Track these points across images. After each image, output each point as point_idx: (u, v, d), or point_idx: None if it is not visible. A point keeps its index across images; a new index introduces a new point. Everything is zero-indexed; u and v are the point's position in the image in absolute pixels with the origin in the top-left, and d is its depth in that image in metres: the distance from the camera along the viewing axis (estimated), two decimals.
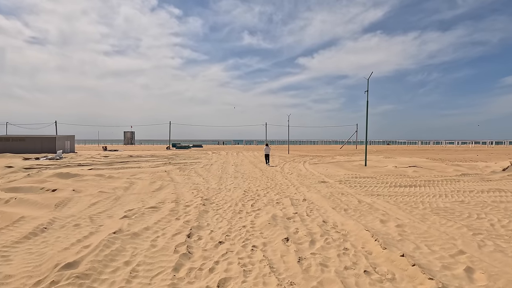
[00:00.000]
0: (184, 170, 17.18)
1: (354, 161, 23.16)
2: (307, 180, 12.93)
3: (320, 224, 6.10)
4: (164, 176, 14.23)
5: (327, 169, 17.27)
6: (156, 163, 22.49)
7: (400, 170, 16.25)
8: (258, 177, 14.27)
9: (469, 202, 8.12)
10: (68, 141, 40.56)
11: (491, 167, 17.41)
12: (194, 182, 12.46)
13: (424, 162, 20.39)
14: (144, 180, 12.73)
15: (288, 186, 11.28)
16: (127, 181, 12.21)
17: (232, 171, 16.93)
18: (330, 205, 7.94)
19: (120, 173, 15.47)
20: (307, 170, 17.16)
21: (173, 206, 7.53)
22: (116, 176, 14.08)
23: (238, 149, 50.85)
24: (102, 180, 12.71)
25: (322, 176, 14.20)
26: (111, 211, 7.08)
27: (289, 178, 13.83)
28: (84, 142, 72.75)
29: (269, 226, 5.83)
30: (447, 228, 5.87)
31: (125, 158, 28.73)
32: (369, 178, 13.25)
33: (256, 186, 11.24)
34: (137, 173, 15.56)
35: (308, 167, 18.78)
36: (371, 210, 7.41)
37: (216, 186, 11.19)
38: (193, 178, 13.83)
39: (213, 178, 13.84)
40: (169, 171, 16.40)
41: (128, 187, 10.83)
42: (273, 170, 17.16)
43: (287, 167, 19.33)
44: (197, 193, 9.62)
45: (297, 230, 5.69)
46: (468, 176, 14.00)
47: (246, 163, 22.61)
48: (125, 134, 69.05)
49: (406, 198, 8.77)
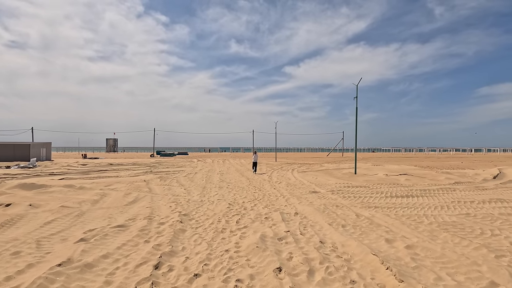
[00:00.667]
0: (165, 180, 15.91)
1: (343, 168, 22.51)
2: (297, 190, 12.00)
3: (317, 245, 5.14)
4: (142, 187, 12.96)
5: (317, 178, 16.44)
6: (137, 171, 21.06)
7: (392, 179, 15.61)
8: (244, 186, 13.23)
9: (475, 215, 7.38)
10: (44, 149, 38.18)
11: (481, 174, 17.08)
12: (174, 193, 11.28)
13: (414, 170, 19.94)
14: (118, 192, 11.45)
15: (277, 197, 10.30)
16: (99, 193, 10.91)
17: (217, 180, 15.82)
18: (326, 220, 7.00)
19: (94, 183, 14.07)
20: (296, 178, 16.27)
21: (145, 224, 6.38)
22: (88, 187, 12.71)
23: (224, 156, 49.63)
24: (70, 191, 11.34)
25: (313, 186, 13.32)
26: (67, 232, 5.86)
27: (278, 187, 12.86)
28: (64, 149, 69.44)
29: (257, 250, 4.80)
30: (464, 248, 5.03)
31: (104, 166, 27.03)
32: (362, 188, 12.46)
33: (243, 198, 10.20)
34: (113, 183, 14.20)
35: (297, 176, 17.90)
36: (372, 226, 6.52)
37: (198, 198, 10.08)
38: (174, 188, 12.63)
39: (195, 188, 12.69)
40: (148, 181, 15.11)
41: (98, 200, 9.55)
42: (260, 179, 16.17)
43: (275, 175, 18.38)
44: (176, 206, 8.48)
45: (291, 255, 4.69)
46: (462, 184, 13.47)
47: (232, 171, 21.53)
48: (108, 141, 66.46)
49: (407, 211, 7.95)
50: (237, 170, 22.56)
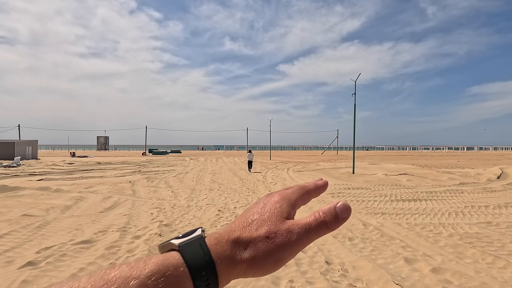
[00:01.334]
0: (152, 181, 14.79)
1: (340, 168, 21.63)
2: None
3: (323, 269, 4.15)
4: (126, 189, 11.83)
5: (314, 178, 15.44)
6: (124, 171, 19.85)
7: (392, 179, 14.75)
8: (237, 188, 12.20)
9: (498, 224, 6.48)
10: (29, 147, 36.52)
11: (483, 174, 16.35)
12: (159, 196, 10.19)
13: (413, 169, 19.15)
14: (97, 195, 10.32)
15: None
16: (75, 197, 9.76)
17: (208, 181, 14.76)
18: None
19: (74, 185, 12.89)
20: (292, 179, 15.30)
21: (115, 239, 5.31)
22: (66, 189, 11.53)
23: (218, 155, 48.51)
24: (43, 195, 10.16)
25: None
26: (17, 251, 4.76)
27: (273, 189, 11.87)
28: (53, 147, 67.39)
29: (248, 279, 3.79)
30: (502, 272, 4.10)
31: (92, 165, 25.71)
32: (363, 190, 11.54)
33: (234, 202, 9.17)
34: (94, 185, 13.03)
35: (293, 176, 16.94)
36: (384, 238, 5.56)
37: (185, 203, 9.01)
38: (160, 191, 11.53)
39: (184, 190, 11.62)
40: (134, 182, 13.97)
41: (70, 205, 8.42)
42: (254, 180, 15.15)
43: (269, 175, 17.39)
44: (158, 214, 7.41)
45: (291, 284, 3.70)
46: (467, 185, 12.66)
47: (225, 170, 20.47)
48: (99, 139, 64.64)
49: (419, 219, 7.02)
50: (230, 169, 21.51)
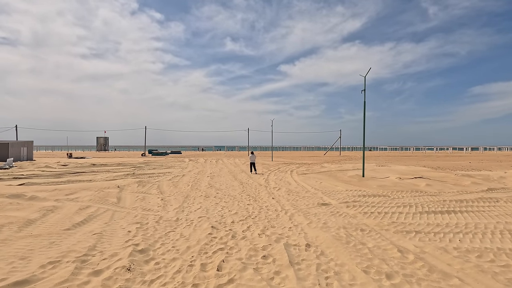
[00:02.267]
0: (144, 185, 13.31)
1: (347, 170, 20.08)
2: (301, 201, 9.50)
3: None
4: (111, 196, 10.36)
5: (321, 182, 13.96)
6: (117, 174, 18.39)
7: (408, 184, 13.21)
8: (236, 195, 10.70)
9: None
10: (24, 148, 35.15)
11: (507, 178, 14.78)
12: (146, 206, 8.71)
13: (428, 172, 17.59)
14: (75, 204, 8.85)
15: (277, 213, 7.79)
16: (47, 207, 8.29)
17: (205, 185, 13.26)
18: (356, 260, 4.51)
19: (54, 191, 11.43)
20: (298, 183, 13.77)
21: (65, 277, 3.82)
22: (42, 196, 10.07)
23: (218, 155, 47.04)
24: (12, 204, 8.70)
25: (319, 193, 10.84)
26: None
27: (277, 196, 10.35)
28: (53, 148, 66.09)
29: None
30: None
31: (85, 167, 24.29)
32: (381, 198, 10.01)
33: (232, 214, 7.66)
34: (78, 191, 11.57)
35: (298, 179, 15.42)
36: (436, 276, 4.03)
37: (174, 215, 7.52)
38: (150, 198, 10.06)
39: (176, 198, 10.13)
40: (123, 187, 12.50)
41: (35, 219, 6.94)
42: (256, 184, 13.65)
43: (272, 178, 15.88)
44: (137, 232, 5.92)
45: None
46: (497, 191, 11.11)
47: (225, 173, 18.98)
48: (98, 139, 63.29)
49: (466, 241, 5.48)
50: (230, 171, 20.02)
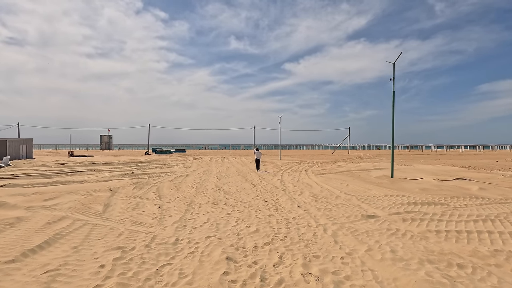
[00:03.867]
0: (141, 187, 11.30)
1: (368, 169, 17.86)
2: (336, 210, 7.37)
3: None
4: (98, 201, 8.35)
5: (348, 184, 11.80)
6: (115, 173, 16.42)
7: (454, 187, 11.00)
8: (251, 201, 8.61)
9: None
10: (23, 146, 33.47)
11: None
12: (137, 218, 6.65)
13: (465, 172, 15.32)
14: (47, 215, 6.84)
15: (313, 230, 5.67)
16: (8, 219, 6.29)
17: (212, 188, 11.20)
18: None
19: (34, 195, 9.47)
20: (321, 186, 11.63)
21: None
22: (13, 203, 8.09)
23: (224, 154, 45.00)
24: None
25: (354, 200, 8.68)
26: None
27: (302, 203, 8.24)
28: (57, 146, 64.63)
29: None
30: None
31: (84, 166, 22.41)
32: (438, 206, 7.82)
33: (252, 232, 5.56)
34: (62, 194, 9.60)
35: (318, 180, 13.28)
36: None
37: (172, 233, 5.45)
38: (145, 205, 8.02)
39: (177, 205, 8.08)
40: (116, 190, 10.49)
41: None
42: (270, 186, 11.55)
43: (287, 179, 13.77)
44: (112, 267, 3.84)
45: None
46: None
47: (233, 172, 16.91)
48: (102, 138, 61.64)
49: None
50: (238, 171, 17.94)
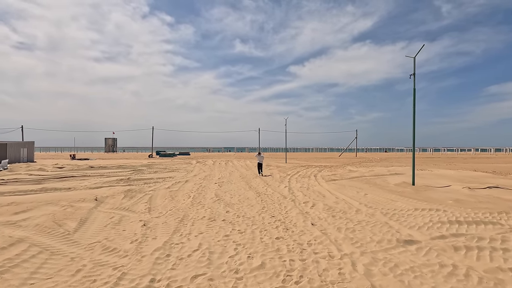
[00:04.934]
0: (132, 197, 9.96)
1: (383, 175, 16.26)
2: (361, 231, 5.87)
3: None
4: (74, 217, 7.01)
5: (366, 194, 10.28)
6: (109, 179, 15.14)
7: (490, 197, 9.40)
8: (255, 216, 7.17)
9: None
10: (25, 149, 32.59)
11: None
12: (112, 241, 5.26)
13: (493, 179, 13.64)
14: (1, 235, 5.50)
15: (338, 265, 4.20)
16: None
17: (211, 198, 9.79)
18: None
19: (8, 206, 8.19)
20: (335, 196, 10.12)
21: None
22: None
23: (228, 157, 43.65)
24: None
25: (378, 215, 7.16)
26: None
27: (315, 218, 6.75)
28: (62, 149, 64.11)
29: None
30: None
31: (82, 170, 21.25)
32: (489, 226, 6.26)
33: (256, 268, 4.11)
34: (38, 206, 8.31)
35: (330, 188, 11.77)
36: None
37: (147, 269, 4.02)
38: (127, 221, 6.64)
39: (166, 222, 6.68)
40: (102, 200, 9.16)
41: None
42: (278, 195, 10.10)
43: (296, 186, 12.29)
44: None
45: None
46: None
47: (236, 178, 15.50)
48: (106, 141, 60.92)
49: None
50: (242, 176, 16.52)
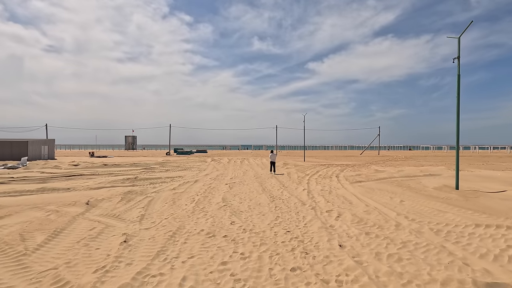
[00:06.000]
0: (130, 200, 8.79)
1: (416, 176, 14.18)
2: (410, 259, 4.21)
3: None
4: (54, 224, 5.84)
5: (402, 201, 8.47)
6: (116, 178, 14.21)
7: None
8: (266, 231, 5.67)
9: None
10: (45, 146, 32.97)
11: None
12: (71, 269, 3.95)
13: None
14: None
15: None
16: None
17: (218, 202, 8.40)
18: None
19: None
20: (365, 202, 8.40)
21: None
22: None
23: (245, 155, 42.39)
24: None
25: (427, 232, 5.42)
26: None
27: (343, 236, 5.15)
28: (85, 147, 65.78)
29: None
30: None
31: (93, 168, 20.69)
32: None
33: None
34: (23, 210, 7.31)
35: (357, 192, 10.04)
36: None
37: None
38: (107, 235, 5.36)
39: (154, 237, 5.32)
40: (94, 204, 8.02)
41: None
42: (294, 200, 8.53)
43: (316, 188, 10.66)
44: None
45: None
46: None
47: (250, 178, 14.08)
48: (126, 138, 61.70)
49: None
50: (257, 176, 15.07)
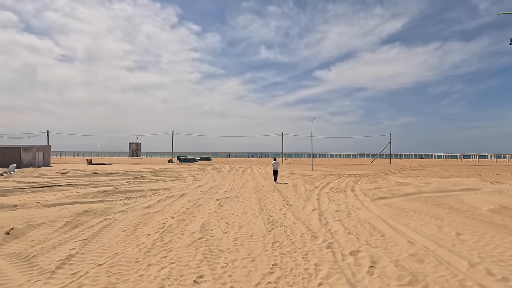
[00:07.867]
0: (75, 227, 6.44)
1: (451, 191, 11.37)
2: None
3: None
4: None
5: (460, 234, 5.77)
6: (88, 191, 11.84)
7: None
8: None
9: None
10: (40, 153, 31.09)
11: None
12: None
13: None
14: None
15: None
16: None
17: (193, 232, 5.86)
18: None
19: None
20: (406, 236, 5.71)
21: None
22: None
23: (249, 162, 39.85)
24: None
25: None
26: None
27: None
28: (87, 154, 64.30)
29: None
30: None
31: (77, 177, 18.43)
32: None
33: None
34: None
35: (383, 214, 7.35)
36: None
37: None
38: None
39: None
40: (15, 234, 5.59)
41: None
42: (300, 228, 5.92)
43: (328, 208, 8.04)
44: None
45: None
46: None
47: (248, 191, 11.54)
48: (130, 145, 60.02)
49: None
50: (256, 188, 12.51)
